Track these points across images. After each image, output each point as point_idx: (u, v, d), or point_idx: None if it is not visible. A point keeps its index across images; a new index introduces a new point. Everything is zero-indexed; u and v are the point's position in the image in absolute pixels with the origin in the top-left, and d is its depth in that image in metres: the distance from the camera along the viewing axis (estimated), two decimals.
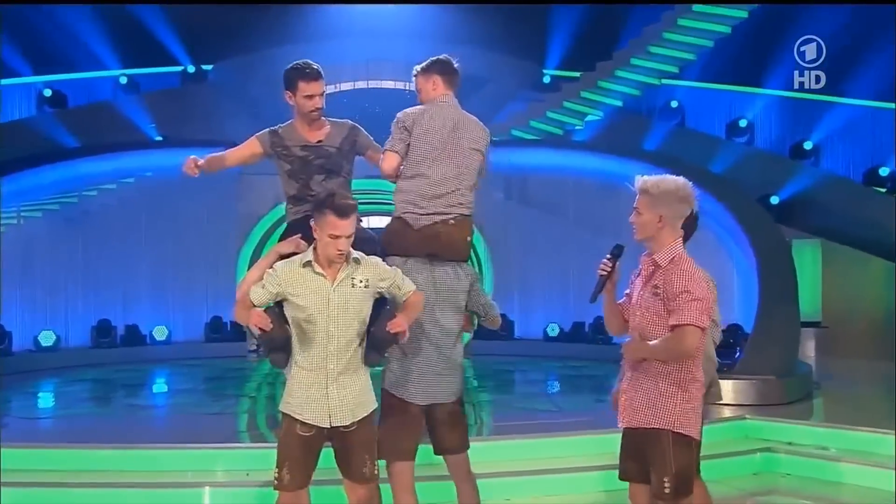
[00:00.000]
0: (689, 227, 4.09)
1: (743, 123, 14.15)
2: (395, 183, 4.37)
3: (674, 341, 3.44)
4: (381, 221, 4.62)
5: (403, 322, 3.81)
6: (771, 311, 8.92)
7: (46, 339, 11.81)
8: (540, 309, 12.94)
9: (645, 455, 3.58)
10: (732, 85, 14.61)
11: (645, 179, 3.60)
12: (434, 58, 4.41)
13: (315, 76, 4.38)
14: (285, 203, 4.56)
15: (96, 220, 12.63)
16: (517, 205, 13.35)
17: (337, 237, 3.71)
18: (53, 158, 12.43)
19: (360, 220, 4.20)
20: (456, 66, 4.41)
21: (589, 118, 13.73)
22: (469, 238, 4.35)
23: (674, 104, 14.26)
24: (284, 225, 4.52)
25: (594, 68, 13.75)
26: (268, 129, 4.55)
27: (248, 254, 13.32)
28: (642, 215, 3.60)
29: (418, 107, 4.33)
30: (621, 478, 3.75)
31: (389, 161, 4.30)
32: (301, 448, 3.80)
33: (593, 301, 3.79)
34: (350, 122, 4.59)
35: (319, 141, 4.46)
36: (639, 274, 3.72)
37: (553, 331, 12.75)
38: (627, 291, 3.78)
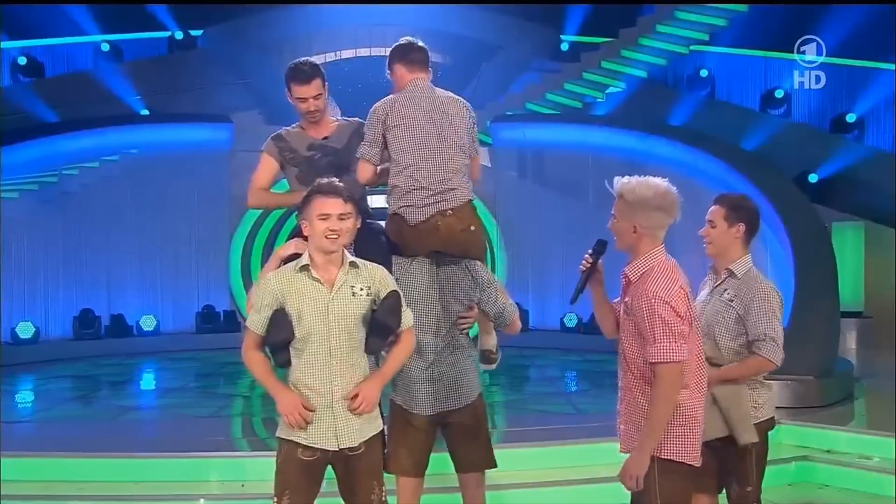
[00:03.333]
0: (753, 225, 4.04)
1: (779, 94, 14.02)
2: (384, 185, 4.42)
3: (660, 387, 3.35)
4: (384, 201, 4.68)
5: (375, 388, 3.76)
6: (807, 303, 8.86)
7: (24, 330, 11.88)
8: (557, 297, 12.92)
9: None
10: (768, 51, 14.47)
11: (623, 182, 3.48)
12: (392, 47, 4.46)
13: (306, 78, 4.38)
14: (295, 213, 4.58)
15: (78, 201, 12.65)
16: (532, 184, 13.33)
17: (327, 216, 3.66)
18: (30, 134, 12.45)
19: (369, 214, 4.28)
20: (419, 45, 4.43)
21: (610, 90, 13.65)
22: (471, 227, 4.33)
23: (703, 73, 14.18)
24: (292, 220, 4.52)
25: (617, 35, 13.67)
26: (270, 137, 4.57)
27: (242, 237, 13.32)
28: (618, 222, 3.51)
29: (389, 97, 4.37)
30: None
31: (363, 171, 4.36)
32: (303, 474, 3.75)
33: (573, 302, 3.75)
34: (360, 120, 4.56)
35: (325, 137, 4.50)
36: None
37: (571, 321, 12.74)
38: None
